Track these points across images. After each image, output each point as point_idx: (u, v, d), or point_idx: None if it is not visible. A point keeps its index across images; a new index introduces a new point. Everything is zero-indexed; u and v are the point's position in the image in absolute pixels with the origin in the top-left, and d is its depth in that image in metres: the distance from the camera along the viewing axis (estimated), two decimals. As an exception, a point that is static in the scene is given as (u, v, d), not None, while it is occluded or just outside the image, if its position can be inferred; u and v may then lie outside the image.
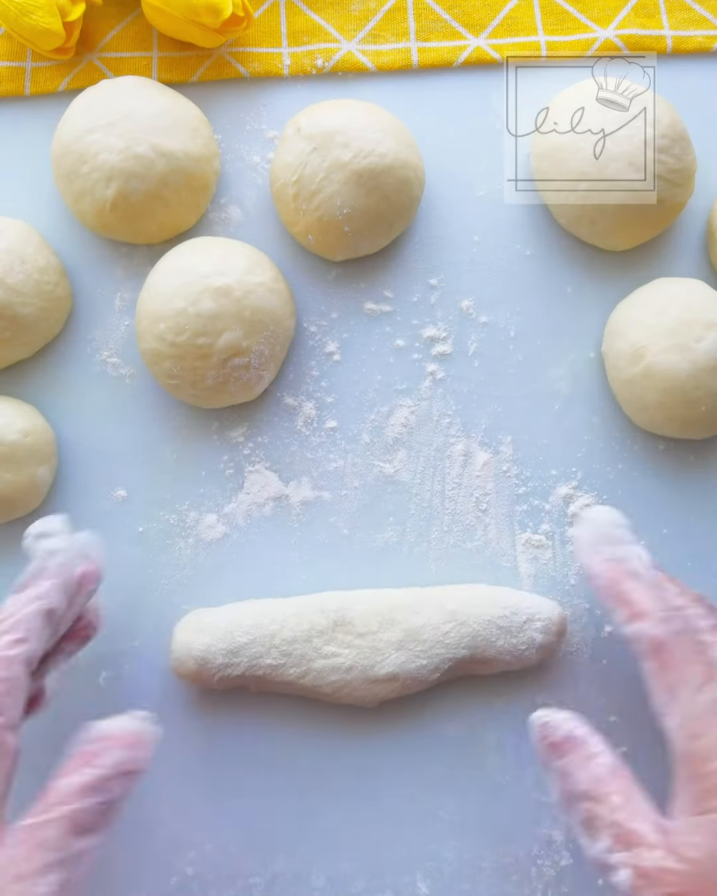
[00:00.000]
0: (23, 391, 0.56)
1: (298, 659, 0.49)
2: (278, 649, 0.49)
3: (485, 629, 0.50)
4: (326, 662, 0.49)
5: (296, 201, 0.54)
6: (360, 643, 0.49)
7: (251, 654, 0.49)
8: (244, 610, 0.50)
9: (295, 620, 0.49)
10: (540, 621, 0.51)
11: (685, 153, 0.55)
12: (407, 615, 0.50)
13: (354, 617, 0.50)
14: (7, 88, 0.59)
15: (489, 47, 0.59)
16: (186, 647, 0.50)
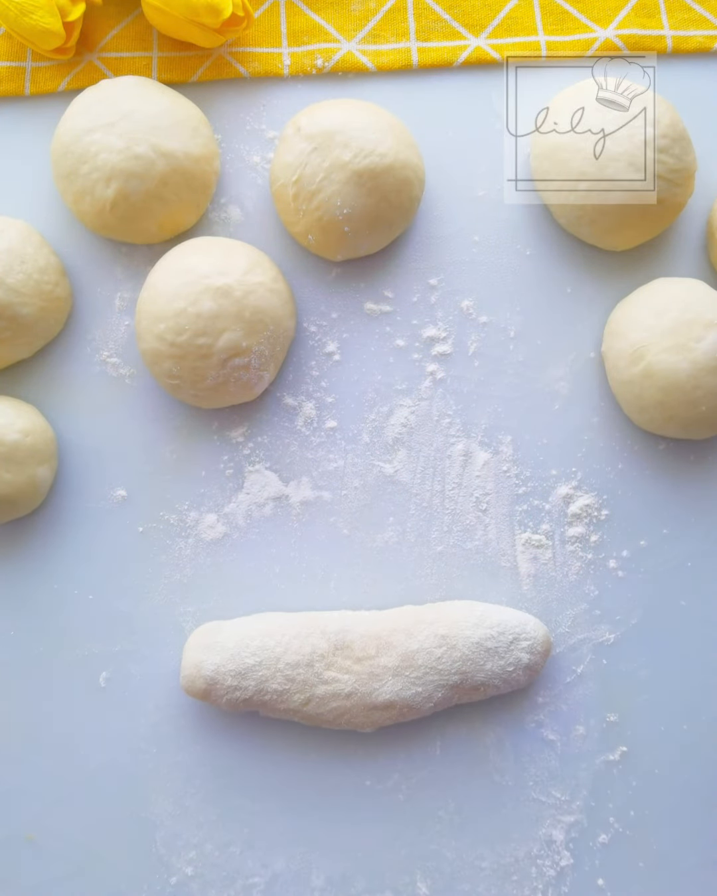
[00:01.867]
0: (23, 391, 0.56)
1: (301, 685, 0.49)
2: (283, 673, 0.49)
3: (474, 652, 0.51)
4: (327, 688, 0.49)
5: (296, 201, 0.54)
6: (358, 669, 0.50)
7: (259, 677, 0.49)
8: (250, 628, 0.51)
9: (298, 644, 0.50)
10: (526, 640, 0.51)
11: (685, 153, 0.55)
12: (403, 639, 0.50)
13: (353, 640, 0.50)
14: (7, 88, 0.58)
15: (489, 47, 0.59)
16: (197, 667, 0.50)
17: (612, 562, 0.55)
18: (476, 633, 0.51)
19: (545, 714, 0.54)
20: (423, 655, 0.50)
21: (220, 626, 0.51)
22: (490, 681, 0.51)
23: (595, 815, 0.53)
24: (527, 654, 0.51)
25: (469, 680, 0.51)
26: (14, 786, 0.53)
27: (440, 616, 0.51)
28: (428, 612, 0.52)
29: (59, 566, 0.54)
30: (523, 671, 0.51)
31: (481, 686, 0.51)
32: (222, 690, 0.50)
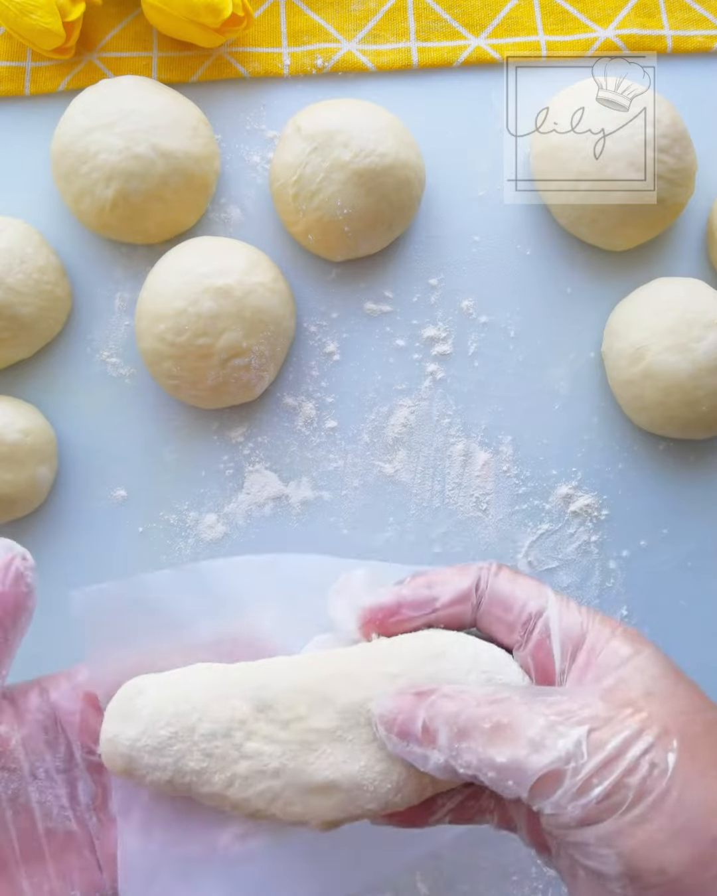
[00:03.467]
0: (23, 391, 0.56)
1: (219, 761, 0.37)
2: (199, 747, 0.37)
3: None
4: (250, 766, 0.36)
5: (296, 201, 0.54)
6: (284, 736, 0.36)
7: (175, 752, 0.37)
8: (171, 689, 0.38)
9: (217, 707, 0.37)
10: (501, 676, 0.37)
11: (685, 153, 0.55)
12: (344, 687, 0.36)
13: (276, 697, 0.37)
14: (7, 88, 0.58)
15: (489, 47, 0.59)
16: (111, 742, 0.37)
17: (612, 562, 0.55)
18: (437, 666, 0.36)
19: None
20: (366, 704, 0.36)
21: (141, 688, 0.38)
22: None
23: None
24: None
25: None
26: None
27: (392, 650, 0.37)
28: (376, 649, 0.38)
29: (59, 566, 0.54)
30: None
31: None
32: (142, 770, 0.37)
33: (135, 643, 0.40)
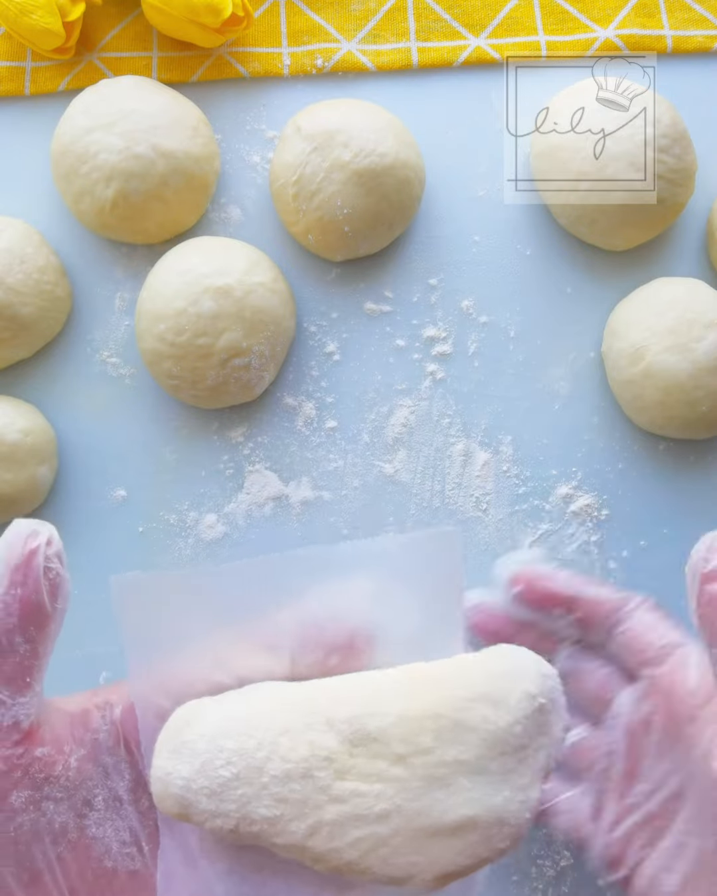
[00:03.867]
0: (23, 391, 0.56)
1: (299, 807, 0.30)
2: (269, 791, 0.31)
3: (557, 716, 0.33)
4: (343, 810, 0.30)
5: (296, 201, 0.54)
6: (400, 773, 0.30)
7: (239, 797, 0.31)
8: (227, 720, 0.32)
9: (288, 744, 0.31)
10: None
11: (685, 153, 0.55)
12: (485, 711, 0.31)
13: (382, 728, 0.30)
14: (7, 88, 0.58)
15: (489, 47, 0.59)
16: (163, 783, 0.32)
17: (612, 562, 0.55)
18: (558, 684, 0.34)
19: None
20: (519, 734, 0.31)
21: (194, 714, 0.32)
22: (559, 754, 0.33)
23: (595, 815, 0.53)
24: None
25: (551, 759, 0.33)
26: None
27: (515, 668, 0.33)
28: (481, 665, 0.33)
29: (59, 566, 0.54)
30: None
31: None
32: (200, 815, 0.31)
33: (187, 637, 0.34)
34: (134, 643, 0.33)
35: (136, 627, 0.33)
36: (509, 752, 0.31)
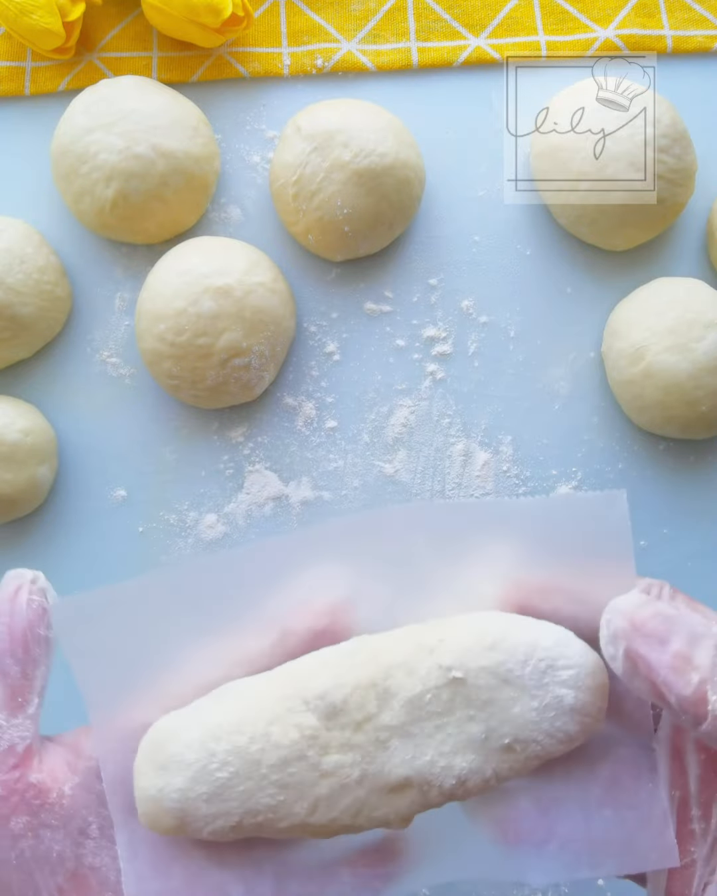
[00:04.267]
0: (23, 391, 0.56)
1: (298, 789, 0.33)
2: (271, 780, 0.33)
3: (491, 690, 0.33)
4: (332, 783, 0.33)
5: (296, 201, 0.54)
6: (360, 739, 0.33)
7: (241, 793, 0.33)
8: (212, 726, 0.33)
9: (279, 731, 0.33)
10: (566, 670, 0.33)
11: (685, 153, 0.55)
12: (403, 680, 0.33)
13: (344, 699, 0.33)
14: (7, 88, 0.58)
15: (489, 47, 0.59)
16: (155, 801, 0.33)
17: (612, 562, 0.55)
18: (491, 658, 0.33)
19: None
20: (431, 701, 0.33)
21: (171, 732, 0.33)
22: (525, 734, 0.33)
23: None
24: (571, 691, 0.33)
25: (496, 734, 0.33)
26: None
27: (445, 638, 0.34)
28: (430, 634, 0.34)
29: (59, 566, 0.54)
30: (570, 716, 0.33)
31: (515, 745, 0.33)
32: (200, 822, 0.33)
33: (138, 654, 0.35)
34: (90, 684, 0.34)
35: (91, 660, 0.34)
36: (425, 718, 0.33)
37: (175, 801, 0.32)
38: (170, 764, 0.33)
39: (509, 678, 0.33)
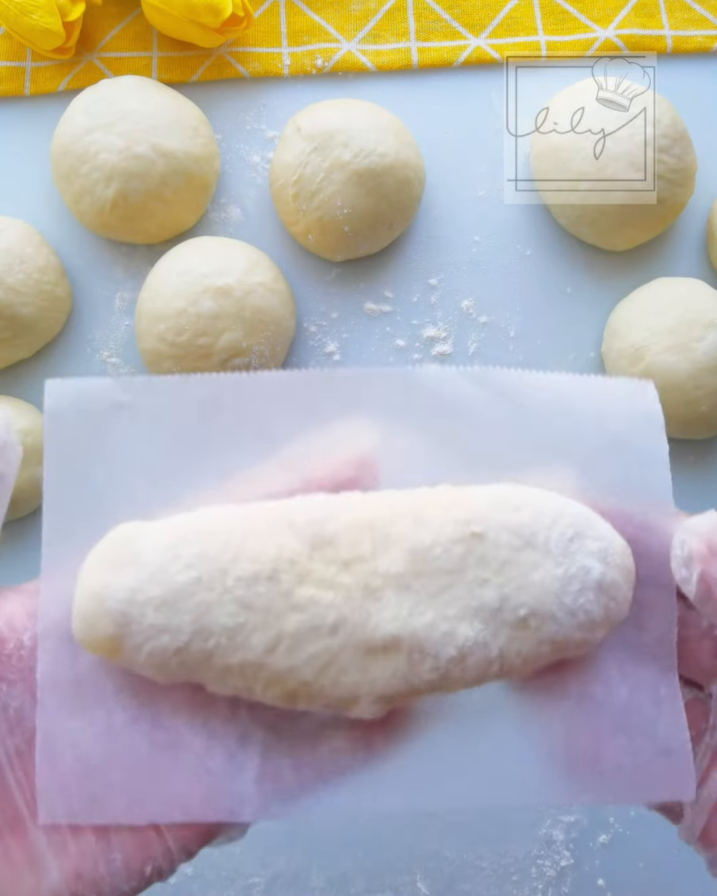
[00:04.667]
0: (23, 391, 0.56)
1: (262, 614, 0.28)
2: (234, 595, 0.28)
3: (512, 550, 0.29)
4: (302, 620, 0.28)
5: (296, 201, 0.54)
6: (346, 580, 0.29)
7: (197, 604, 0.28)
8: (184, 528, 0.29)
9: (256, 545, 0.29)
10: (595, 541, 0.30)
11: (685, 153, 0.55)
12: (410, 528, 0.29)
13: (337, 532, 0.29)
14: (7, 88, 0.58)
15: (489, 47, 0.59)
16: (97, 597, 0.28)
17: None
18: (514, 518, 0.30)
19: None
20: (440, 556, 0.29)
21: (135, 532, 0.29)
22: (544, 607, 0.29)
23: (595, 815, 0.53)
24: (598, 564, 0.29)
25: (511, 603, 0.29)
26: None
27: (461, 498, 0.30)
28: (444, 495, 0.31)
29: (59, 566, 0.54)
30: (595, 594, 0.29)
31: (531, 619, 0.29)
32: (142, 634, 0.28)
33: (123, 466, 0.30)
34: (59, 497, 0.30)
35: (68, 471, 0.30)
36: (431, 574, 0.29)
37: (120, 601, 0.28)
38: (124, 562, 0.28)
39: (534, 541, 0.29)
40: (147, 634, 0.28)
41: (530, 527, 0.29)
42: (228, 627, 0.28)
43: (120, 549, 0.29)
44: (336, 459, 0.31)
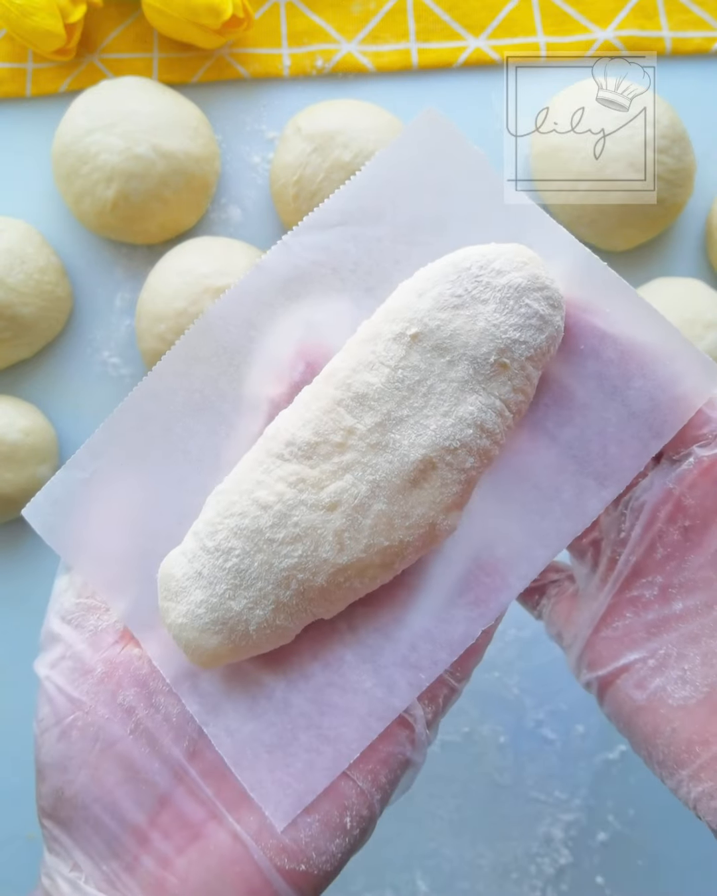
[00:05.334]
0: (24, 391, 0.56)
1: (313, 534, 0.30)
2: (280, 540, 0.30)
3: (452, 324, 0.30)
4: (345, 510, 0.30)
5: (296, 201, 0.54)
6: (352, 456, 0.30)
7: (260, 567, 0.30)
8: (200, 526, 0.31)
9: (265, 493, 0.30)
10: (496, 260, 0.31)
11: (684, 153, 0.55)
12: (364, 377, 0.30)
13: (315, 431, 0.30)
14: (8, 89, 0.59)
15: (489, 48, 0.59)
16: (188, 627, 0.31)
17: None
18: (430, 298, 0.31)
19: (545, 713, 0.54)
20: (404, 376, 0.30)
21: (169, 557, 0.32)
22: (504, 341, 0.30)
23: (595, 814, 0.53)
24: (514, 273, 0.30)
25: (479, 360, 0.30)
26: (14, 786, 0.53)
27: (384, 309, 0.32)
28: (370, 322, 0.32)
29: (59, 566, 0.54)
30: (527, 295, 0.30)
31: (503, 357, 0.30)
32: (240, 624, 0.30)
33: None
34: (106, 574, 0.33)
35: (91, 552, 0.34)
36: (409, 395, 0.30)
37: (206, 613, 0.30)
38: (180, 585, 0.31)
39: (458, 303, 0.30)
40: (244, 621, 0.30)
41: (446, 293, 0.30)
42: (296, 565, 0.30)
43: (168, 579, 0.31)
44: (281, 367, 0.32)
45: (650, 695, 0.32)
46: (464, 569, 0.32)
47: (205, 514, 0.31)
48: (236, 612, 0.30)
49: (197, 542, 0.31)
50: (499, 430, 0.30)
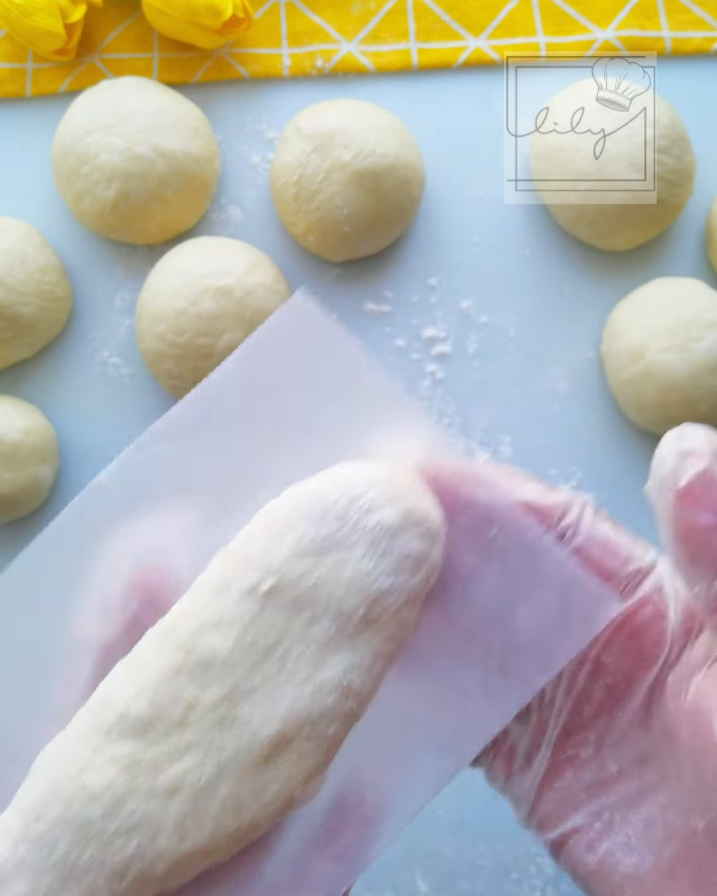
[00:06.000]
0: (24, 391, 0.56)
1: (150, 824, 0.26)
2: (112, 832, 0.26)
3: (313, 573, 0.26)
4: (188, 794, 0.26)
5: (296, 202, 0.54)
6: (195, 733, 0.26)
7: (91, 860, 0.26)
8: (26, 807, 0.27)
9: (94, 778, 0.26)
10: (364, 496, 0.27)
11: (684, 153, 0.55)
12: (211, 637, 0.26)
13: (151, 704, 0.26)
14: (8, 89, 0.59)
15: (489, 48, 0.59)
16: None
17: (611, 561, 0.55)
18: (288, 544, 0.27)
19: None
20: (257, 637, 0.26)
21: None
22: (371, 591, 0.26)
23: (595, 814, 0.53)
24: (378, 512, 0.26)
25: (345, 615, 0.26)
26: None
27: (236, 552, 0.27)
28: (222, 562, 0.28)
29: (59, 565, 0.54)
30: (396, 537, 0.26)
31: (370, 611, 0.26)
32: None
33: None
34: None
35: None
36: (263, 659, 0.26)
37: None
38: (2, 872, 0.26)
39: (321, 547, 0.26)
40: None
41: (304, 538, 0.26)
42: (133, 856, 0.26)
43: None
44: (110, 606, 0.28)
45: (601, 859, 0.29)
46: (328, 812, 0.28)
47: (32, 781, 0.28)
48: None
49: (22, 822, 0.27)
50: (367, 688, 0.26)
